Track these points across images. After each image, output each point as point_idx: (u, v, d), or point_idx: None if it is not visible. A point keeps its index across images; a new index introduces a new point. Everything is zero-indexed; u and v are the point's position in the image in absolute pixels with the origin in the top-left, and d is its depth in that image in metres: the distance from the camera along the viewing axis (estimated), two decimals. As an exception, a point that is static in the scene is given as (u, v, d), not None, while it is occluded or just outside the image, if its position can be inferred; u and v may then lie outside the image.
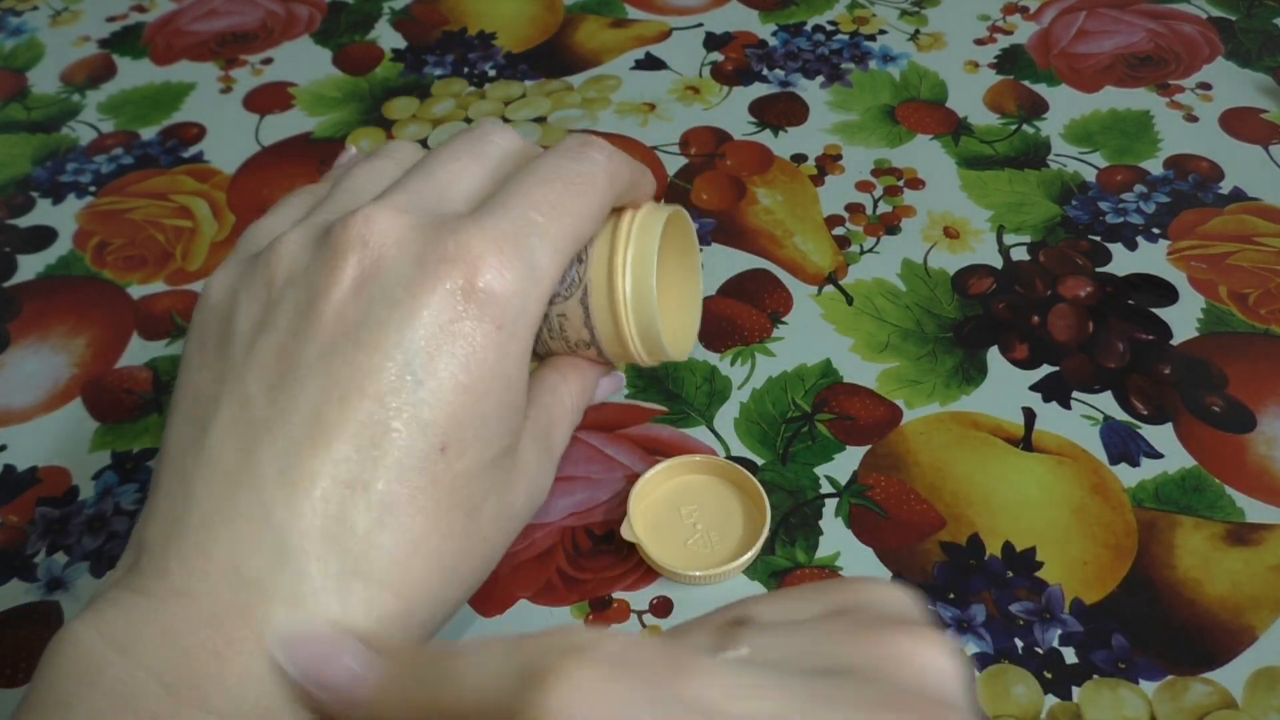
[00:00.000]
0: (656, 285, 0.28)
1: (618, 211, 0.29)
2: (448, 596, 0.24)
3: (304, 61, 0.62)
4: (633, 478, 0.38)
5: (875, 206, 0.50)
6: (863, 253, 0.48)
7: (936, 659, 0.18)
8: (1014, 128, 0.54)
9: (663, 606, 0.36)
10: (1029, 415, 0.41)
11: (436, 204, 0.25)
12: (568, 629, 0.18)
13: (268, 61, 0.62)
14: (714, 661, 0.17)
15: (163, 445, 0.25)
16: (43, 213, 0.53)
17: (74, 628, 0.21)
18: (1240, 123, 0.54)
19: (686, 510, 0.37)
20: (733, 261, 0.47)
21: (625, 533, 0.36)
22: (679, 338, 0.33)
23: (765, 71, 0.59)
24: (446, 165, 0.26)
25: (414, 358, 0.22)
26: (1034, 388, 0.42)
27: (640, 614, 0.35)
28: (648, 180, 0.29)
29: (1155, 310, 0.45)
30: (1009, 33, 0.61)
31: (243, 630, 0.21)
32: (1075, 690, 0.33)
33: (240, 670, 0.21)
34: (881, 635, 0.18)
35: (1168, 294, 0.45)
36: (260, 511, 0.22)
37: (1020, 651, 0.34)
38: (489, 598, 0.36)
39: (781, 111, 0.56)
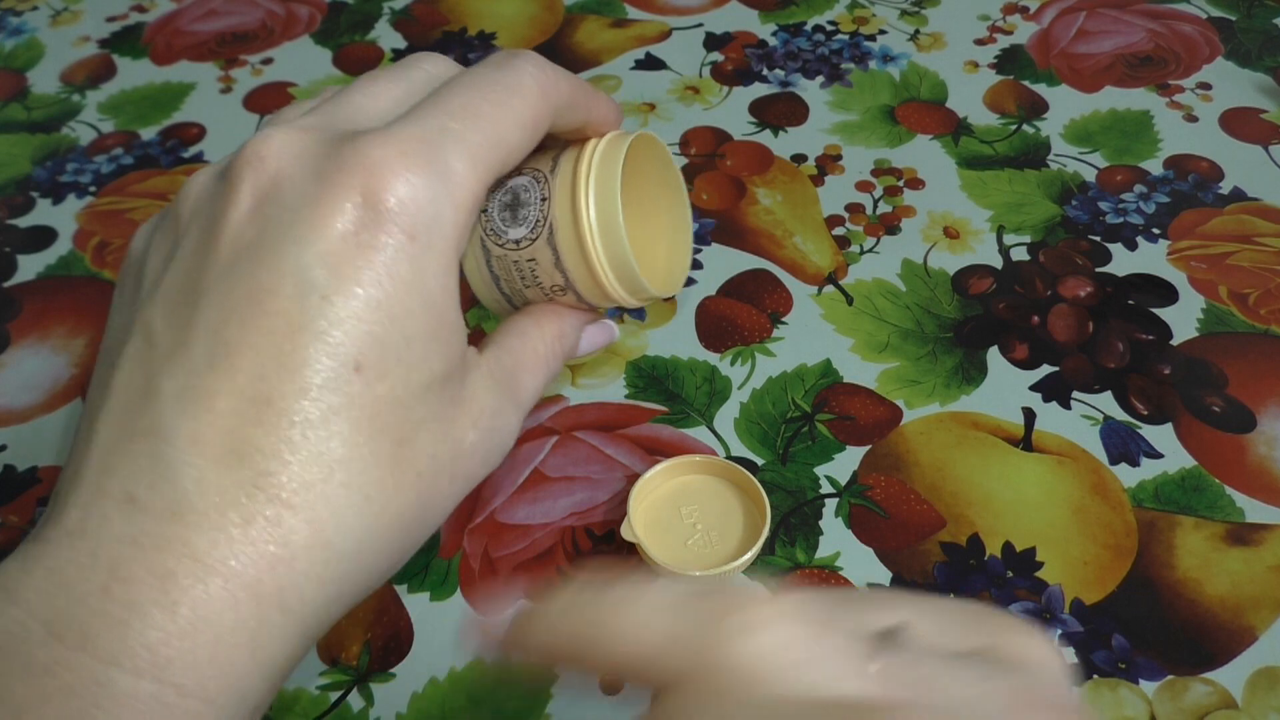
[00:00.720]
0: (627, 216, 0.26)
1: (580, 143, 0.27)
2: (379, 533, 0.22)
3: (304, 61, 0.62)
4: (633, 478, 0.38)
5: (875, 206, 0.50)
6: (863, 253, 0.48)
7: None
8: (1014, 128, 0.54)
9: (663, 606, 0.36)
10: (1029, 415, 0.41)
11: (346, 123, 0.24)
12: (729, 593, 0.18)
13: (268, 61, 0.62)
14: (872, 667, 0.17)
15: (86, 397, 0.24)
16: (43, 213, 0.53)
17: None
18: (1240, 123, 0.54)
19: (686, 510, 0.37)
20: (733, 261, 0.47)
21: (625, 533, 0.36)
22: (666, 272, 0.31)
23: (765, 71, 0.59)
24: (364, 87, 0.25)
25: (316, 272, 0.21)
26: (1034, 388, 0.42)
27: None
28: (602, 104, 0.27)
29: (1155, 310, 0.45)
30: (1009, 33, 0.61)
31: (132, 560, 0.20)
32: (1075, 690, 0.33)
33: (126, 603, 0.19)
34: (1029, 708, 0.17)
35: (1168, 294, 0.45)
36: (155, 437, 0.21)
37: (1020, 651, 0.34)
38: (489, 597, 0.36)
39: (781, 111, 0.56)
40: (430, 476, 0.23)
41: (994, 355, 0.43)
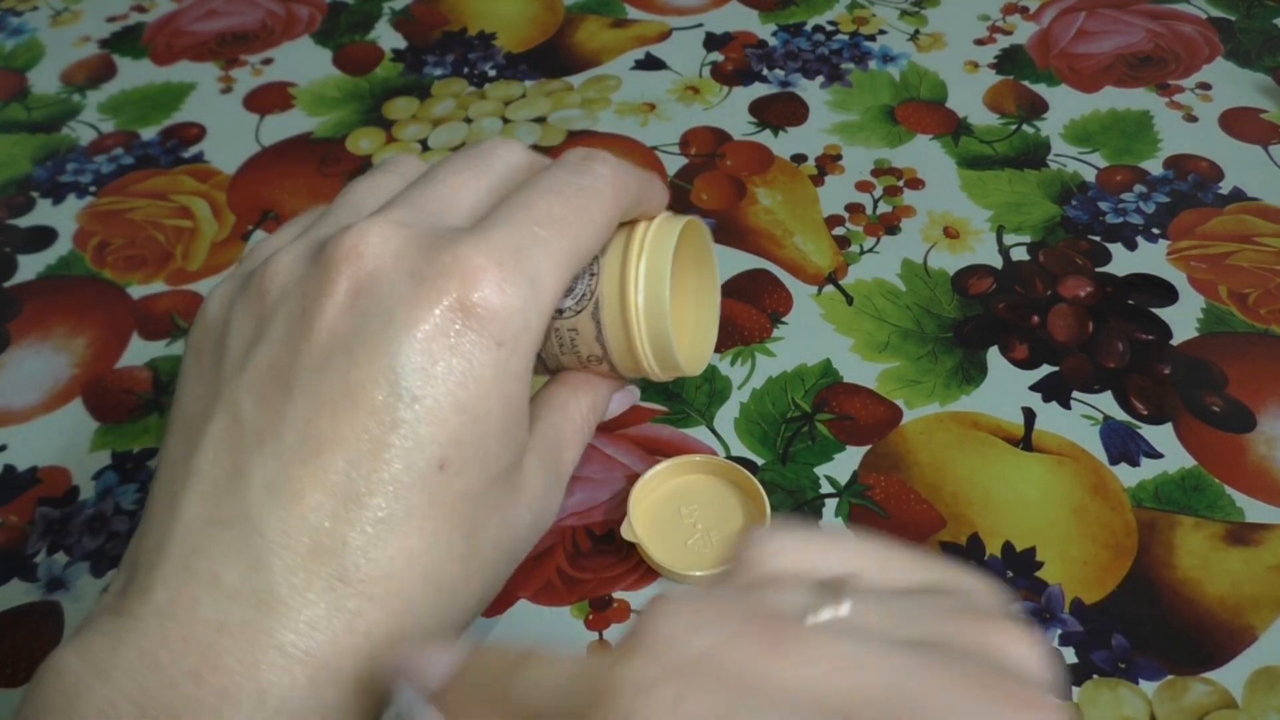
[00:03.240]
0: (670, 297, 0.27)
1: (630, 224, 0.28)
2: (445, 619, 0.23)
3: (304, 61, 0.62)
4: (633, 478, 0.38)
5: (875, 206, 0.50)
6: (863, 253, 0.48)
7: (1030, 654, 0.18)
8: (1014, 128, 0.54)
9: (663, 606, 0.36)
10: (1029, 415, 0.41)
11: (435, 218, 0.25)
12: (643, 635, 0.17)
13: (268, 61, 0.62)
14: (814, 630, 0.16)
15: (157, 464, 0.24)
16: (43, 213, 0.53)
17: (58, 654, 0.21)
18: (1240, 123, 0.54)
19: (686, 510, 0.37)
20: (733, 261, 0.47)
21: (625, 533, 0.36)
22: (694, 351, 0.32)
23: (765, 71, 0.59)
24: (448, 179, 0.26)
25: (409, 373, 0.22)
26: (1034, 388, 0.42)
27: (640, 614, 0.35)
28: (658, 191, 0.28)
29: (1155, 310, 0.45)
30: (1009, 33, 0.61)
31: (223, 649, 0.20)
32: (1075, 690, 0.33)
33: (218, 690, 0.20)
34: (980, 623, 0.18)
35: (1168, 294, 0.45)
36: (245, 525, 0.21)
37: (1020, 651, 0.34)
38: (489, 598, 0.36)
39: (781, 111, 0.56)
40: (494, 561, 0.25)
41: (994, 355, 0.43)
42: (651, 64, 0.60)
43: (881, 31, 0.61)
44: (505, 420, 0.24)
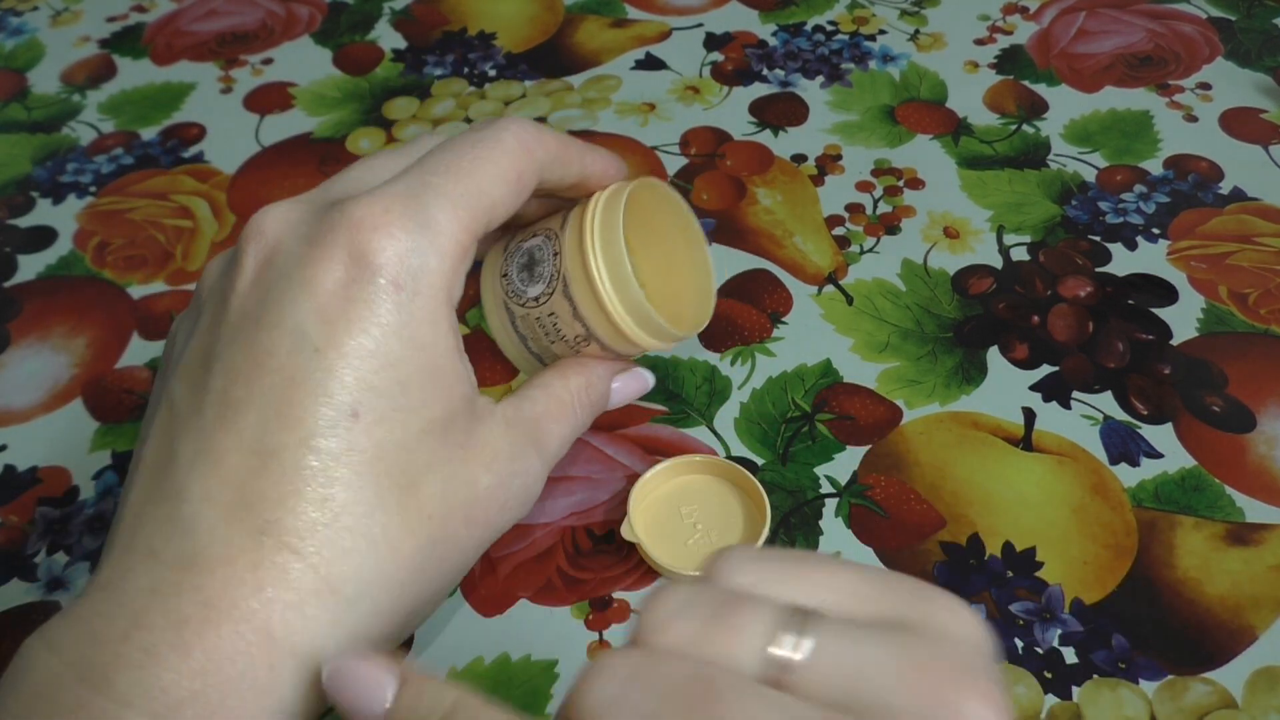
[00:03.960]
0: (648, 263, 0.27)
1: (587, 199, 0.29)
2: (391, 575, 0.23)
3: (304, 61, 0.62)
4: (633, 478, 0.38)
5: (875, 206, 0.50)
6: (863, 253, 0.48)
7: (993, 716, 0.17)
8: (1014, 128, 0.54)
9: (663, 606, 0.36)
10: (1029, 415, 0.41)
11: (340, 193, 0.25)
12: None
13: (268, 61, 0.62)
14: (749, 695, 0.16)
15: None
16: (43, 213, 0.53)
17: (27, 640, 0.22)
18: (1240, 123, 0.54)
19: (686, 510, 0.37)
20: (733, 261, 0.47)
21: (625, 533, 0.36)
22: (688, 312, 0.31)
23: (765, 71, 0.59)
24: (362, 162, 0.27)
25: (309, 327, 0.22)
26: (1034, 388, 0.42)
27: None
28: (599, 159, 0.29)
29: (1155, 310, 0.45)
30: (1009, 33, 0.61)
31: (151, 609, 0.21)
32: (1075, 690, 0.33)
33: (144, 646, 0.20)
34: (942, 681, 0.17)
35: (1168, 294, 0.45)
36: (175, 497, 0.22)
37: (1020, 651, 0.34)
38: (489, 597, 0.36)
39: (781, 111, 0.56)
40: (441, 518, 0.24)
41: (994, 355, 0.43)
42: (651, 64, 0.60)
43: (881, 31, 0.61)
44: (424, 368, 0.24)
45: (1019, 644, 0.34)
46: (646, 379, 0.32)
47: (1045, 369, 0.42)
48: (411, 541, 0.23)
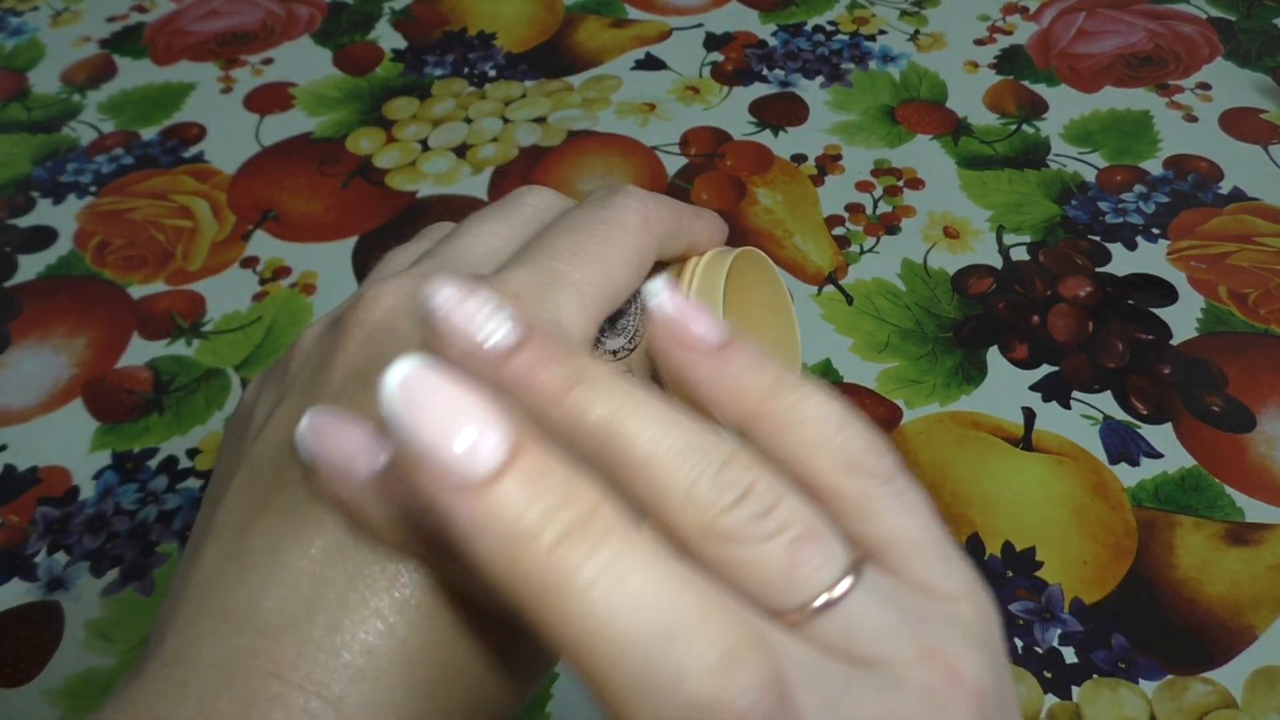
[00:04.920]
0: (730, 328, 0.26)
1: (681, 261, 0.28)
2: (461, 648, 0.21)
3: (304, 61, 0.62)
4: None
5: (875, 206, 0.50)
6: (863, 253, 0.48)
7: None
8: (1014, 128, 0.54)
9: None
10: (1029, 415, 0.41)
11: (456, 265, 0.24)
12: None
13: (268, 61, 0.62)
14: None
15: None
16: (43, 213, 0.53)
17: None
18: (1240, 123, 0.54)
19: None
20: (733, 261, 0.47)
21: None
22: None
23: (765, 71, 0.59)
24: (470, 228, 0.25)
25: None
26: (1034, 387, 0.42)
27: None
28: (704, 224, 0.28)
29: (1155, 310, 0.45)
30: (1009, 33, 0.61)
31: (220, 686, 0.20)
32: (1075, 690, 0.33)
33: None
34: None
35: (1168, 294, 0.45)
36: (255, 555, 0.21)
37: (1020, 651, 0.34)
38: (489, 597, 0.36)
39: (781, 111, 0.56)
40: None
41: (994, 355, 0.43)
42: (651, 64, 0.60)
43: (881, 31, 0.61)
44: None
45: (1019, 644, 0.34)
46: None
47: (1045, 369, 0.42)
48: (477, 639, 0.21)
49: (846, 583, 0.16)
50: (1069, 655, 0.34)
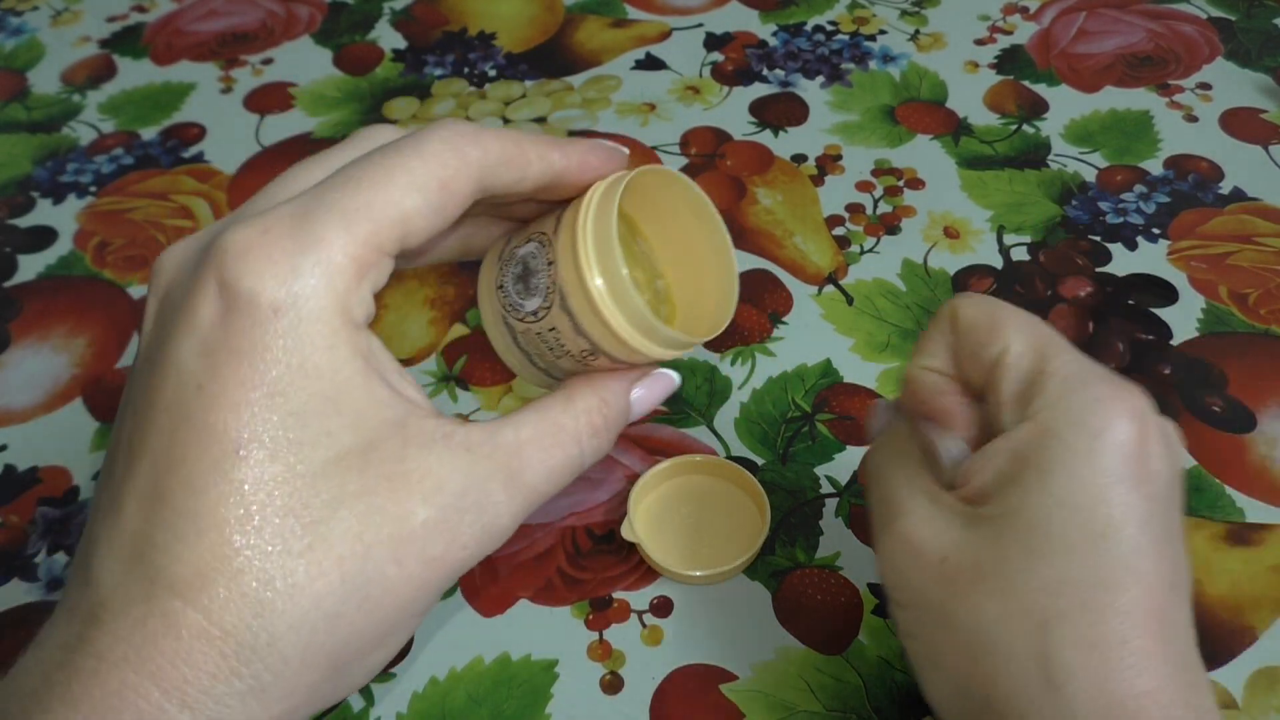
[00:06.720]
0: (664, 257, 0.25)
1: (579, 197, 0.26)
2: (299, 622, 0.21)
3: (304, 61, 0.62)
4: (633, 477, 0.38)
5: (875, 206, 0.50)
6: (863, 253, 0.48)
7: None
8: (1014, 128, 0.54)
9: (663, 606, 0.36)
10: (1029, 415, 0.41)
11: (239, 216, 0.24)
12: None
13: (268, 61, 0.62)
14: None
15: None
16: (43, 213, 0.53)
17: None
18: (1240, 123, 0.54)
19: (686, 510, 0.37)
20: (733, 261, 0.47)
21: (625, 533, 0.36)
22: (708, 311, 0.28)
23: (765, 71, 0.59)
24: (284, 175, 0.25)
25: (191, 364, 0.21)
26: (1034, 388, 0.42)
27: (640, 614, 0.35)
28: (575, 151, 0.26)
29: (1155, 310, 0.45)
30: (1009, 33, 0.61)
31: (58, 665, 0.21)
32: (1075, 690, 0.33)
33: (44, 706, 0.21)
34: None
35: (1168, 294, 0.45)
36: (86, 550, 0.22)
37: (1020, 651, 0.34)
38: (488, 597, 0.36)
39: (781, 111, 0.56)
40: (357, 557, 0.22)
41: (994, 355, 0.43)
42: (651, 64, 0.60)
43: (882, 31, 0.61)
44: (321, 394, 0.22)
45: (1019, 644, 0.34)
46: (672, 380, 0.28)
47: (1045, 369, 0.42)
48: (321, 583, 0.21)
49: None
50: (1069, 655, 0.34)
